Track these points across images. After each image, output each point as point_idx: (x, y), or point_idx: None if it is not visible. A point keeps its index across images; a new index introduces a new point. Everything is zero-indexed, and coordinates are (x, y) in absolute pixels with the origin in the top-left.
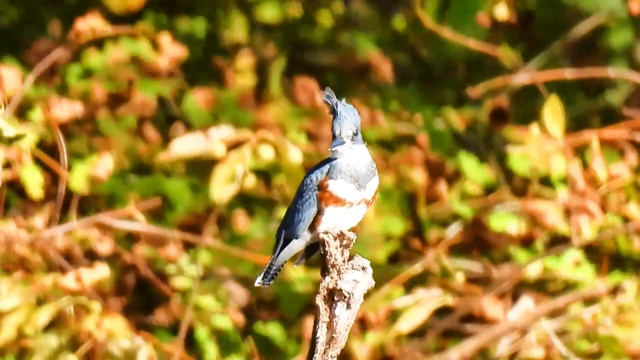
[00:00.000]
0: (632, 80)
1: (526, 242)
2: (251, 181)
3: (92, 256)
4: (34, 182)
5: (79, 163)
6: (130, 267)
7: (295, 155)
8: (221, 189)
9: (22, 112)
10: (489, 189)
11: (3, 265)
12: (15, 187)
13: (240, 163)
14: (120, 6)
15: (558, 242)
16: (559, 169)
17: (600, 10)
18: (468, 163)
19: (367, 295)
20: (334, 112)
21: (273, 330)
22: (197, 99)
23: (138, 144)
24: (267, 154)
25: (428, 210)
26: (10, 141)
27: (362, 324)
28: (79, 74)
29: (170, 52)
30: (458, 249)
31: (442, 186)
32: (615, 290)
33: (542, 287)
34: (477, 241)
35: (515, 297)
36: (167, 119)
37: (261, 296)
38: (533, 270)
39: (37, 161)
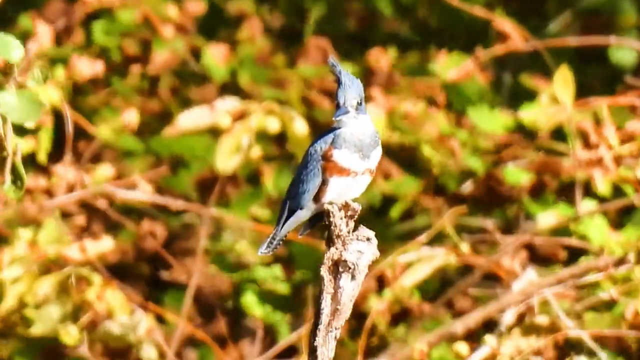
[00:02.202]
0: (637, 49)
1: (539, 196)
2: (257, 152)
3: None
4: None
5: (106, 113)
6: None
7: (300, 127)
8: (226, 160)
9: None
10: (501, 145)
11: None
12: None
13: (246, 134)
14: None
15: (570, 197)
16: (571, 125)
17: None
18: (478, 114)
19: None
20: (338, 81)
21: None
22: (215, 55)
23: (153, 103)
24: (272, 125)
25: (441, 166)
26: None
27: (379, 281)
28: (94, 33)
29: (189, 6)
30: (471, 204)
31: (454, 141)
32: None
33: (554, 245)
34: (491, 196)
35: (528, 258)
36: (187, 75)
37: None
38: (546, 220)
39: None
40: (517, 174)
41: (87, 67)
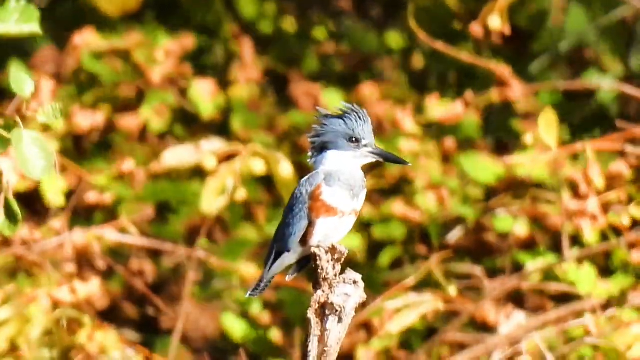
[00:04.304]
0: (622, 90)
1: (528, 245)
2: (242, 194)
3: (92, 266)
4: (55, 189)
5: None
6: (128, 279)
7: (286, 169)
8: (211, 201)
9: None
10: (490, 193)
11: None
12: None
13: (231, 176)
14: (116, 11)
15: (559, 246)
16: (560, 173)
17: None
18: (468, 162)
19: (367, 303)
20: (343, 116)
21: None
22: (203, 91)
23: (143, 150)
24: (258, 167)
25: (431, 214)
26: None
27: (367, 330)
28: (85, 82)
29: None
30: (461, 253)
31: (444, 190)
32: (618, 299)
33: (542, 294)
34: (479, 245)
35: (516, 303)
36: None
37: (265, 300)
38: (534, 270)
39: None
40: (506, 222)
41: (87, 119)
